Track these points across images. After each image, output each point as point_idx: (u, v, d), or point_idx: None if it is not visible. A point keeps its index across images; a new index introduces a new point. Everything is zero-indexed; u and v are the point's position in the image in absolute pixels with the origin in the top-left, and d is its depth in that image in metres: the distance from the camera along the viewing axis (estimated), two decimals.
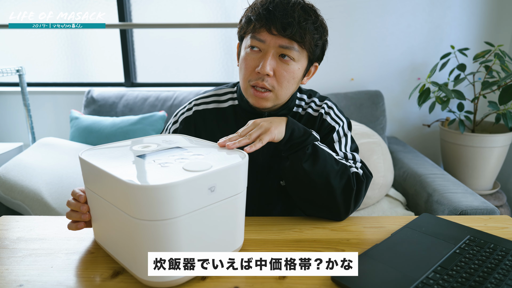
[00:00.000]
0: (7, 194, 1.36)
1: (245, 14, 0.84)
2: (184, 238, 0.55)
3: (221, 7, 2.20)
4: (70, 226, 0.68)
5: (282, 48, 0.79)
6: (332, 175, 0.78)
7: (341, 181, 0.79)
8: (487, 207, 1.25)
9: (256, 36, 0.80)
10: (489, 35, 2.08)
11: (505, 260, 0.62)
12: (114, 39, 2.26)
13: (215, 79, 2.33)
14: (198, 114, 0.93)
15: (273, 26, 0.78)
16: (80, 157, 0.63)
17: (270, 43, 0.79)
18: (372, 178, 0.87)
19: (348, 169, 0.80)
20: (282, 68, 0.81)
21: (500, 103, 1.63)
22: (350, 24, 2.08)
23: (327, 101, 0.94)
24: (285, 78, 0.82)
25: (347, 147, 0.90)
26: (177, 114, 0.96)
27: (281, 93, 0.84)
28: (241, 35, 0.86)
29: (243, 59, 0.84)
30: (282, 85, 0.83)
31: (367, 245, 0.70)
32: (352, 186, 0.79)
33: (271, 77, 0.81)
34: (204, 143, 0.72)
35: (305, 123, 0.92)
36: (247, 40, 0.83)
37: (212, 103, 0.94)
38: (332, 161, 0.79)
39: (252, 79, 0.83)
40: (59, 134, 2.26)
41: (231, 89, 0.96)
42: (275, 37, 0.79)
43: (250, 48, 0.82)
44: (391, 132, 2.26)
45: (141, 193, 0.51)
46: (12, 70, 1.91)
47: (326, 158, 0.78)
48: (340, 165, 0.80)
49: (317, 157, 0.77)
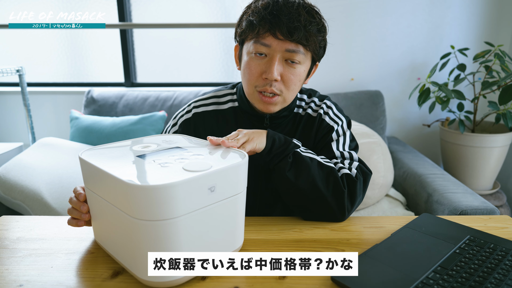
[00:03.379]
0: (7, 194, 1.36)
1: (246, 18, 0.81)
2: (184, 238, 0.55)
3: (221, 7, 2.20)
4: (70, 221, 0.68)
5: (288, 52, 0.78)
6: (318, 180, 0.78)
7: (328, 185, 0.79)
8: (487, 207, 1.25)
9: (260, 41, 0.78)
10: (489, 35, 2.08)
11: (505, 260, 0.62)
12: (114, 39, 2.26)
13: (215, 79, 2.33)
14: (198, 117, 0.92)
15: (279, 31, 0.76)
16: (80, 157, 0.63)
17: (276, 48, 0.78)
18: (371, 175, 0.87)
19: (334, 172, 0.80)
20: (289, 72, 0.80)
21: (500, 103, 1.63)
22: (350, 24, 2.08)
23: (326, 100, 0.94)
24: (292, 81, 0.81)
25: (345, 146, 0.90)
26: (176, 116, 0.96)
27: (288, 96, 0.84)
28: (242, 39, 0.84)
29: (247, 65, 0.82)
30: (290, 89, 0.82)
31: (367, 245, 0.70)
32: (341, 188, 0.79)
33: (278, 81, 0.80)
34: (204, 143, 0.72)
35: (305, 123, 0.92)
36: (249, 44, 0.81)
37: (212, 105, 0.93)
38: (316, 166, 0.79)
39: (259, 85, 0.81)
40: (59, 134, 2.26)
41: (230, 91, 0.95)
42: (281, 42, 0.77)
43: (255, 54, 0.80)
44: (391, 132, 2.26)
45: (141, 193, 0.51)
46: (12, 70, 1.91)
47: (309, 165, 0.78)
48: (326, 169, 0.80)
49: (299, 164, 0.78)
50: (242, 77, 0.86)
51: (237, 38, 0.87)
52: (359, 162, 0.87)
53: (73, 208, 0.68)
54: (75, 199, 0.68)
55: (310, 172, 0.78)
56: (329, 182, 0.79)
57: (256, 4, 0.81)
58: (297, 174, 0.78)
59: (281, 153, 0.78)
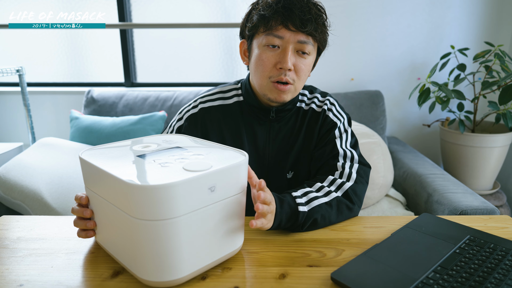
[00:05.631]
0: (7, 194, 1.36)
1: (256, 12, 0.84)
2: (184, 238, 0.55)
3: (221, 7, 2.20)
4: (80, 234, 0.67)
5: (300, 43, 0.82)
6: (333, 218, 0.79)
7: (341, 213, 0.81)
8: (487, 207, 1.25)
9: (274, 33, 0.82)
10: (489, 35, 2.08)
11: (505, 260, 0.62)
12: (114, 39, 2.26)
13: (215, 79, 2.33)
14: (204, 111, 0.94)
15: (291, 23, 0.80)
16: (80, 157, 0.63)
17: (290, 39, 0.81)
18: (370, 169, 0.92)
19: (342, 202, 0.81)
20: (300, 62, 0.84)
21: (500, 103, 1.63)
22: (350, 24, 2.08)
23: (329, 97, 0.97)
24: (303, 71, 0.85)
25: (347, 143, 0.93)
26: (181, 111, 0.97)
27: (299, 86, 0.88)
28: (252, 33, 0.87)
29: (259, 58, 0.85)
30: (301, 78, 0.86)
31: (367, 245, 0.70)
32: (351, 205, 0.82)
33: (291, 71, 0.84)
34: (204, 143, 0.72)
35: (309, 118, 0.94)
36: (261, 38, 0.84)
37: (218, 100, 0.95)
38: (326, 209, 0.78)
39: (273, 75, 0.84)
40: (59, 134, 2.26)
41: (235, 86, 0.98)
42: (293, 33, 0.81)
43: (268, 46, 0.83)
44: (391, 132, 2.26)
45: (141, 193, 0.51)
46: (12, 70, 1.91)
47: (323, 215, 0.77)
48: (334, 203, 0.80)
49: (312, 224, 0.77)
50: (254, 69, 0.87)
51: (246, 33, 0.89)
52: (358, 164, 0.90)
53: (78, 218, 0.67)
54: (77, 207, 0.67)
55: (325, 220, 0.78)
56: (340, 211, 0.81)
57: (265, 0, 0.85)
58: (313, 228, 0.78)
59: (289, 228, 0.76)
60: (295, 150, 0.93)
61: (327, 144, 0.91)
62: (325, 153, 0.90)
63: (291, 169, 0.94)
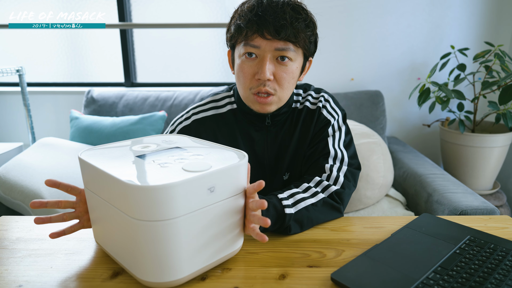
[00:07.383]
0: (7, 194, 1.36)
1: (233, 22, 0.83)
2: (184, 238, 0.55)
3: (221, 7, 2.20)
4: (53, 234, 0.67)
5: (278, 50, 0.79)
6: (320, 218, 0.79)
7: (327, 215, 0.81)
8: (487, 207, 1.25)
9: (249, 43, 0.79)
10: (489, 35, 2.08)
11: (505, 260, 0.62)
12: (114, 39, 2.26)
13: (214, 79, 2.33)
14: (198, 123, 0.92)
15: (266, 31, 0.77)
16: (79, 157, 0.63)
17: (266, 48, 0.79)
18: (360, 171, 0.91)
19: (327, 202, 0.81)
20: (281, 70, 0.81)
21: (500, 103, 1.63)
22: (350, 24, 2.07)
23: (323, 93, 0.95)
24: (285, 79, 0.82)
25: (340, 142, 0.91)
26: (174, 123, 0.95)
27: (283, 95, 0.84)
28: (233, 44, 0.85)
29: (239, 68, 0.83)
30: (283, 87, 0.83)
31: (367, 245, 0.70)
32: (336, 205, 0.82)
33: (271, 81, 0.81)
34: (203, 144, 0.72)
35: (304, 116, 0.93)
36: (240, 48, 0.82)
37: (211, 109, 0.94)
38: (312, 210, 0.78)
39: (253, 86, 0.82)
40: (59, 134, 2.26)
41: (227, 93, 0.96)
42: (269, 41, 0.78)
43: (246, 56, 0.81)
44: (391, 132, 2.26)
45: (141, 193, 0.50)
46: (12, 70, 1.91)
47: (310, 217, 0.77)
48: (320, 205, 0.80)
49: (300, 223, 0.76)
50: (237, 81, 0.86)
51: (228, 43, 0.88)
52: (347, 166, 0.88)
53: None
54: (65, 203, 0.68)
55: (312, 221, 0.78)
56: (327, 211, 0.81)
57: (242, 8, 0.82)
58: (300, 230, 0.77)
59: (277, 230, 0.75)
60: (291, 150, 0.92)
61: (319, 142, 0.90)
62: (316, 151, 0.89)
63: (287, 170, 0.93)
